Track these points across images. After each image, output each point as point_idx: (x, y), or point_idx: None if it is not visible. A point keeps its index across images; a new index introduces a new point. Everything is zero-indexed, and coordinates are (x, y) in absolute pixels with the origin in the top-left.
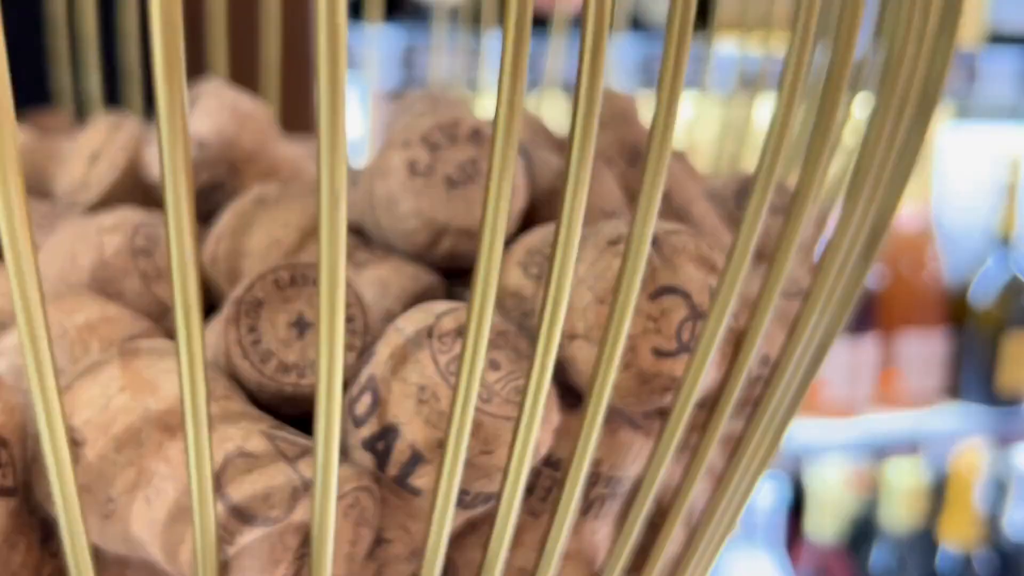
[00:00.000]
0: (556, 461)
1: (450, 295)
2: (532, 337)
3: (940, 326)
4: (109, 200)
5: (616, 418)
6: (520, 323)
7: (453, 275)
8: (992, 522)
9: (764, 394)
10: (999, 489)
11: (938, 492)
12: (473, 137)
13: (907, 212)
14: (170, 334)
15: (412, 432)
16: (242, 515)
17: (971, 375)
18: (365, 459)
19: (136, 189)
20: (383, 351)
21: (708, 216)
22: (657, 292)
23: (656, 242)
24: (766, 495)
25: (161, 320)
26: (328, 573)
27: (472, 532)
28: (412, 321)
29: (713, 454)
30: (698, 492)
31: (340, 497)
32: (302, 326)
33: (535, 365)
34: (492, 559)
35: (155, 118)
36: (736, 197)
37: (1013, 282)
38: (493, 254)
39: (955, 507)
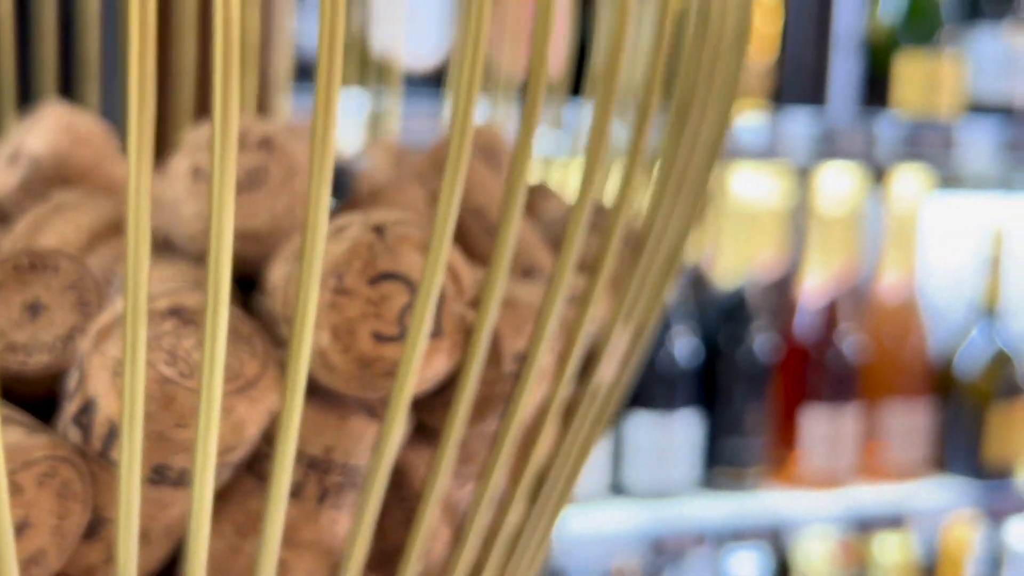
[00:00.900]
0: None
1: (243, 303)
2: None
3: (925, 397)
4: None
5: (349, 405)
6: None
7: (245, 283)
8: None
9: (515, 390)
10: (992, 565)
11: (929, 568)
12: (262, 145)
13: (891, 282)
14: None
15: (108, 405)
16: None
17: (957, 448)
18: (75, 434)
19: None
20: (93, 327)
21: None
22: (377, 277)
23: (380, 229)
24: (749, 567)
25: None
26: (10, 538)
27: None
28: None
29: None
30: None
31: (31, 464)
32: (37, 309)
33: (206, 337)
34: (192, 538)
35: None
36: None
37: (999, 354)
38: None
39: None
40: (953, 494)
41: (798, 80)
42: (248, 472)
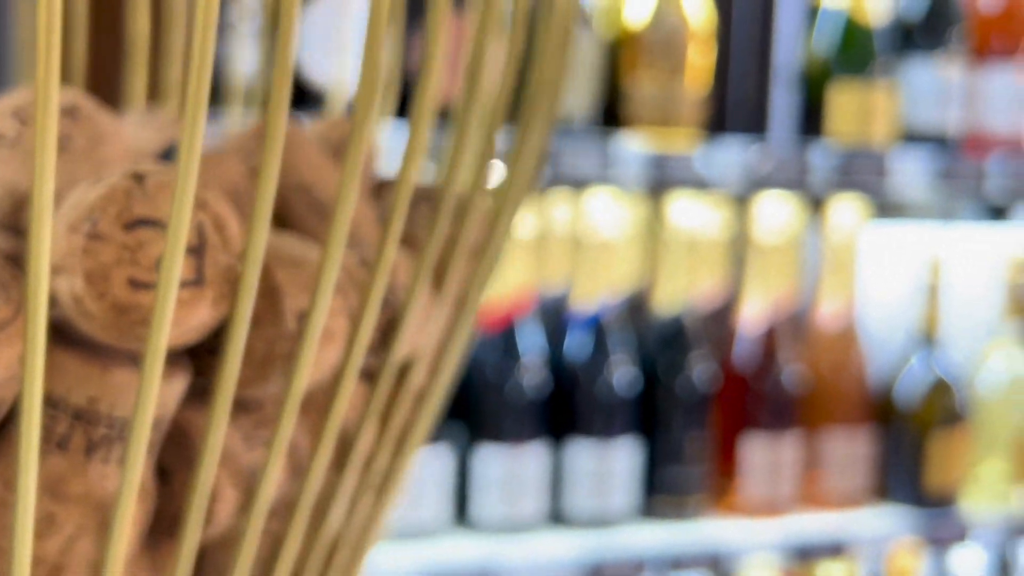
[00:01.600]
0: (54, 400)
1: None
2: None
3: (865, 426)
4: None
5: (114, 355)
6: None
7: None
8: None
9: (297, 349)
10: None
11: None
12: (67, 113)
13: (830, 311)
14: None
15: None
16: None
17: (898, 476)
18: None
19: None
20: None
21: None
22: (133, 223)
23: (140, 177)
24: None
25: None
26: None
27: None
28: None
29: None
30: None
31: None
32: None
33: None
34: None
35: None
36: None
37: (938, 382)
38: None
39: None
40: (895, 522)
41: (738, 110)
42: (14, 424)
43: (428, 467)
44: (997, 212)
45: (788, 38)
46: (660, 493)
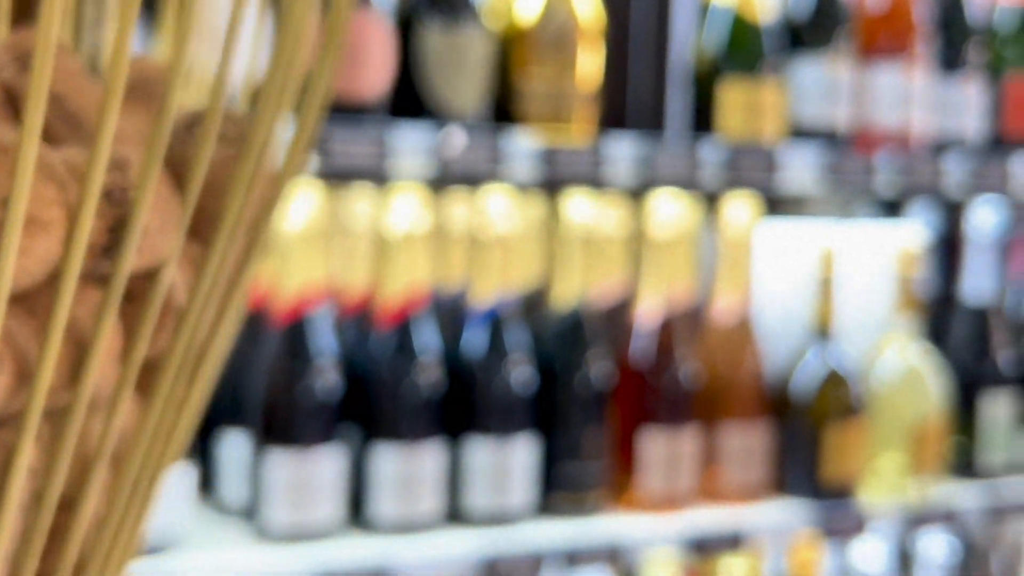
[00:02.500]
0: None
1: None
2: None
3: (762, 419)
4: None
5: None
6: None
7: None
8: None
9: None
10: None
11: None
12: None
13: (725, 306)
14: None
15: None
16: None
17: (796, 469)
18: None
19: None
20: None
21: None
22: None
23: None
24: None
25: None
26: None
27: None
28: None
29: None
30: None
31: None
32: None
33: None
34: None
35: None
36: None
37: (833, 376)
38: None
39: None
40: (794, 515)
41: (631, 107)
42: None
43: (322, 467)
44: (887, 207)
45: (681, 35)
46: (559, 490)
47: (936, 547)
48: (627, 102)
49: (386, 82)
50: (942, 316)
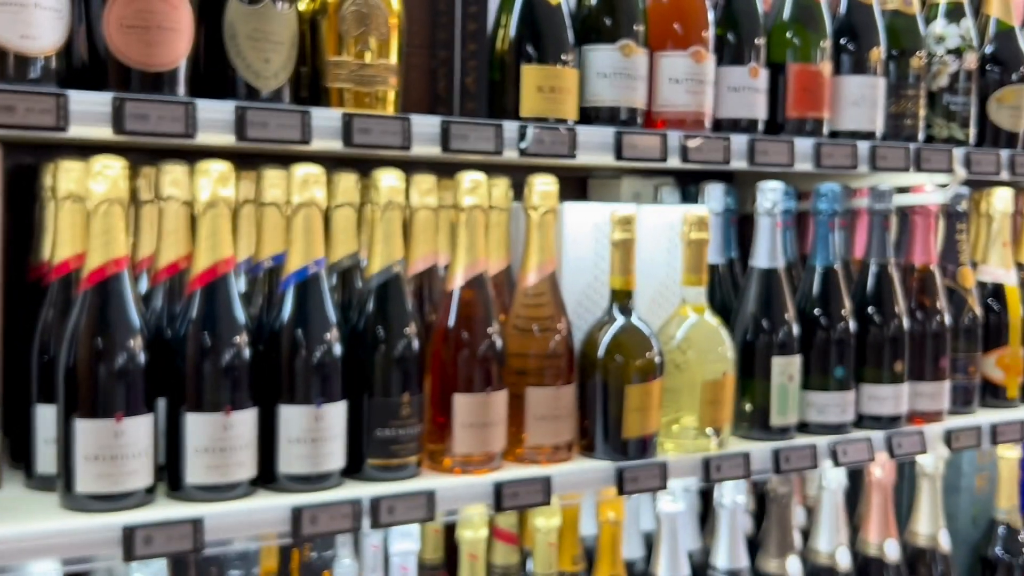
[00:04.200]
0: None
1: None
2: None
3: (568, 383)
4: None
5: None
6: None
7: None
8: (635, 566)
9: None
10: (646, 536)
11: (590, 547)
12: None
13: (533, 275)
14: None
15: None
16: None
17: (600, 429)
18: None
19: None
20: None
21: None
22: None
23: None
24: (409, 549)
25: None
26: None
27: None
28: None
29: None
30: None
31: None
32: None
33: None
34: None
35: None
36: None
37: (632, 340)
38: None
39: (605, 557)
40: (599, 474)
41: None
42: None
43: (130, 437)
44: (680, 184)
45: (485, 18)
46: (373, 455)
47: (732, 499)
48: (423, 81)
49: (188, 53)
50: (735, 285)
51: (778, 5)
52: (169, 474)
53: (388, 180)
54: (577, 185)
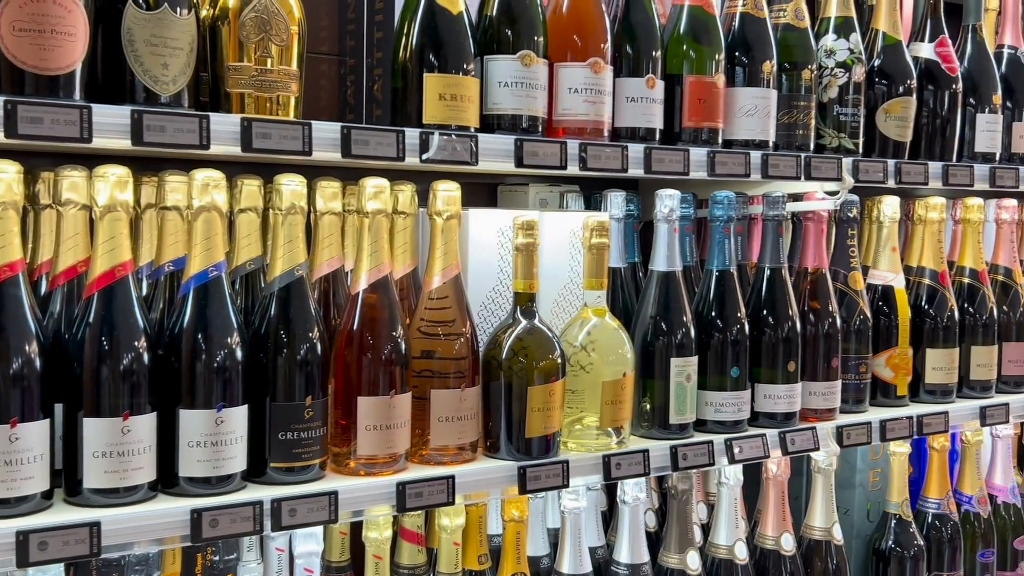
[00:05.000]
0: None
1: None
2: None
3: (472, 384)
4: None
5: None
6: None
7: None
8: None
9: None
10: (552, 536)
11: (496, 546)
12: None
13: (438, 279)
14: None
15: None
16: None
17: (503, 429)
18: None
19: None
20: None
21: None
22: None
23: None
24: (312, 548)
25: None
26: None
27: None
28: None
29: None
30: None
31: None
32: None
33: None
34: None
35: None
36: None
37: (535, 342)
38: None
39: (510, 555)
40: (503, 473)
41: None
42: None
43: (26, 442)
44: (582, 191)
45: (388, 27)
46: (276, 458)
47: (634, 496)
48: (343, 88)
49: (85, 58)
50: (638, 289)
51: (674, 18)
52: (66, 479)
53: (290, 184)
54: (488, 192)
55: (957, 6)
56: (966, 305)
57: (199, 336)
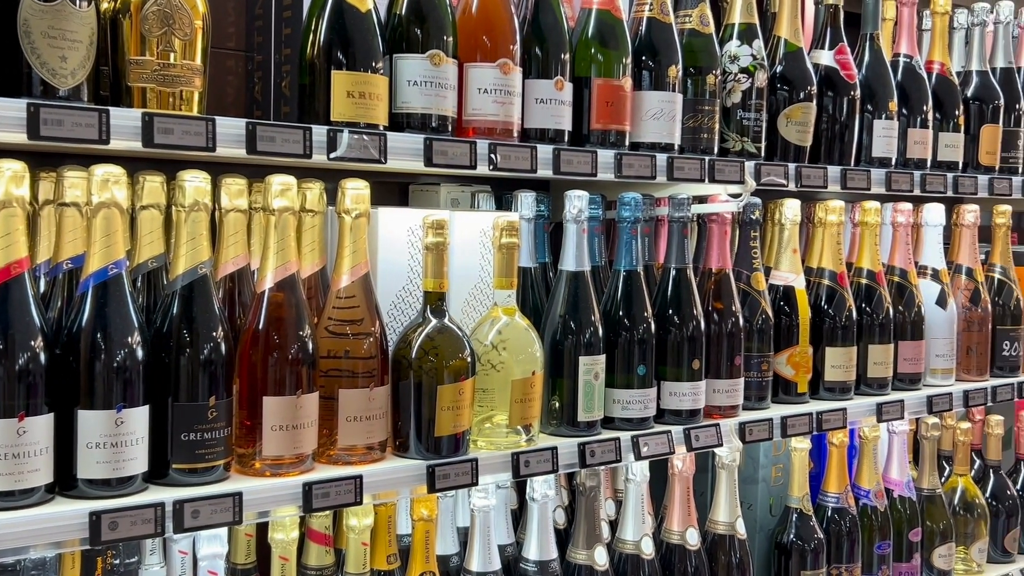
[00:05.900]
0: None
1: None
2: None
3: (381, 383)
4: None
5: None
6: None
7: None
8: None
9: None
10: (463, 533)
11: (406, 545)
12: None
13: (347, 278)
14: None
15: None
16: None
17: (413, 428)
18: None
19: None
20: None
21: None
22: None
23: None
24: (215, 551)
25: None
26: None
27: None
28: None
29: None
30: None
31: None
32: None
33: None
34: None
35: None
36: None
37: (445, 341)
38: None
39: (419, 554)
40: (412, 472)
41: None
42: None
43: None
44: (492, 191)
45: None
46: (178, 459)
47: (542, 493)
48: (250, 84)
49: None
50: (548, 288)
51: (583, 22)
52: None
53: (193, 181)
54: (399, 192)
55: (856, 15)
56: (864, 305)
57: (98, 335)
